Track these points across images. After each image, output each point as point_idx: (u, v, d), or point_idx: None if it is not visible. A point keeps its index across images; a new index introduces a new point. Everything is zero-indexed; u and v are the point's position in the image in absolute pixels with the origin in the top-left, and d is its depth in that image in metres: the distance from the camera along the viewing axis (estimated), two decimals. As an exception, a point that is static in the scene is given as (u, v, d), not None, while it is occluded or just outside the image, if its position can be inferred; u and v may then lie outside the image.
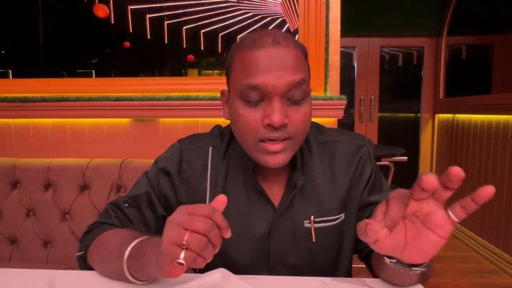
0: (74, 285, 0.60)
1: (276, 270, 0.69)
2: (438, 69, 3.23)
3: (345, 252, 0.73)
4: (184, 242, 0.44)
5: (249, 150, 0.64)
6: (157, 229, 0.72)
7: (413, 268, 0.51)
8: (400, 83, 3.50)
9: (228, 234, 0.48)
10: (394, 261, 0.51)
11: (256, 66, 0.59)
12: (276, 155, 0.61)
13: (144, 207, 0.72)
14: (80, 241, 0.72)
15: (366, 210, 0.72)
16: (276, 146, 0.60)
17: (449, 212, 0.44)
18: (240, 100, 0.61)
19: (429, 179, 0.41)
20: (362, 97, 3.31)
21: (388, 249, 0.48)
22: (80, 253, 0.69)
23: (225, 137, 0.74)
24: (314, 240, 0.69)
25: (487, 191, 0.42)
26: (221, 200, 0.49)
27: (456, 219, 0.44)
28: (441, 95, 3.19)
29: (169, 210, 0.72)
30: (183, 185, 0.72)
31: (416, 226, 0.47)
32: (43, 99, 1.45)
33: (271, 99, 0.59)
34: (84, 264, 0.68)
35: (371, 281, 0.64)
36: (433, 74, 3.31)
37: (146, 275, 0.56)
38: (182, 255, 0.44)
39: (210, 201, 0.69)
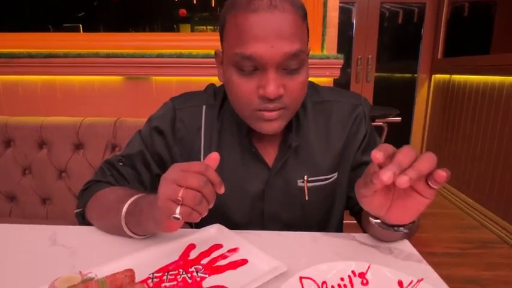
0: (75, 240, 0.62)
1: (269, 227, 0.72)
2: (439, 27, 3.13)
3: (336, 209, 0.76)
4: (179, 198, 0.46)
5: (244, 118, 0.64)
6: (153, 187, 0.74)
7: (396, 228, 0.54)
8: (398, 41, 3.41)
9: (221, 190, 0.49)
10: (379, 221, 0.54)
11: (250, 33, 0.54)
12: (272, 123, 0.61)
13: (139, 166, 0.72)
14: (77, 198, 0.74)
15: (359, 169, 0.74)
16: (272, 114, 0.60)
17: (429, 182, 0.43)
18: (233, 67, 0.59)
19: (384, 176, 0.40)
20: (359, 56, 3.24)
21: (374, 207, 0.50)
22: (78, 210, 0.71)
23: (219, 96, 0.73)
24: (307, 199, 0.71)
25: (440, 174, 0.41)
26: (214, 157, 0.50)
27: (435, 187, 0.44)
28: (439, 55, 3.14)
29: (164, 169, 0.72)
30: (177, 144, 0.72)
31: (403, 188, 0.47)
32: (30, 55, 1.40)
33: (265, 70, 0.56)
34: (83, 220, 0.70)
35: (360, 236, 0.67)
36: (432, 33, 3.22)
37: (144, 230, 0.59)
38: (178, 210, 0.46)
39: (203, 160, 0.70)
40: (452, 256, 1.99)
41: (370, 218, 0.54)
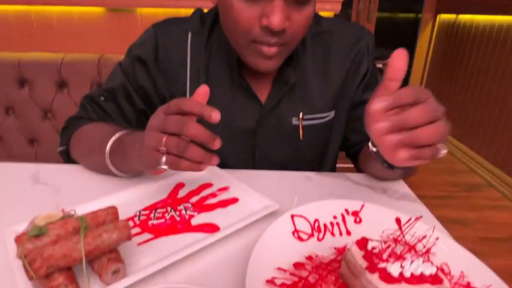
0: (58, 178, 0.60)
1: (261, 167, 0.69)
2: (450, -40, 2.88)
3: (331, 149, 0.73)
4: (163, 147, 0.41)
5: (239, 49, 0.57)
6: (139, 123, 0.69)
7: (397, 168, 0.51)
8: (405, -24, 3.15)
9: (211, 118, 0.40)
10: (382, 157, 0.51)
11: None
12: (269, 60, 0.55)
13: (122, 101, 0.67)
14: (60, 136, 0.70)
15: (358, 108, 0.70)
16: (271, 50, 0.53)
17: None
18: None
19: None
20: (362, -7, 3.01)
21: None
22: (61, 148, 0.67)
23: (207, 22, 0.65)
24: (301, 138, 0.68)
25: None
26: (203, 90, 0.44)
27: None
28: (447, -7, 2.93)
29: (149, 103, 0.68)
30: (161, 75, 0.66)
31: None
32: (-2, -19, 1.25)
33: None
34: (68, 158, 0.67)
35: (354, 176, 0.65)
36: (442, -33, 2.96)
37: (130, 169, 0.56)
38: (163, 159, 0.42)
39: (190, 93, 0.65)
40: (440, 198, 2.06)
41: (370, 144, 0.49)
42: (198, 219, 0.48)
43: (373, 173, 0.63)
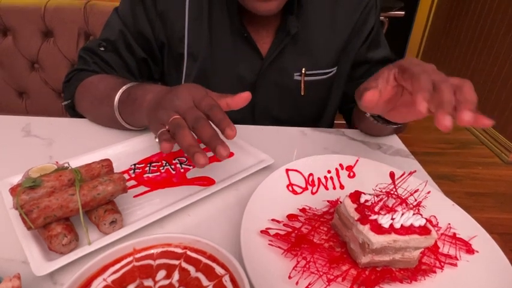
0: (50, 131, 0.59)
1: (259, 122, 0.68)
2: None
3: (331, 106, 0.73)
4: (167, 125, 0.38)
5: None
6: (141, 73, 0.67)
7: (391, 125, 0.51)
8: None
9: (224, 133, 0.37)
10: (376, 116, 0.50)
11: None
12: (269, 2, 0.52)
13: (122, 50, 0.64)
14: (62, 90, 0.68)
15: (360, 67, 0.68)
16: None
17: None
18: None
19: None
20: None
21: (376, 111, 0.45)
22: (66, 102, 0.65)
23: None
24: (303, 94, 0.66)
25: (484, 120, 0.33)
26: (245, 96, 0.41)
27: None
28: None
29: (149, 50, 0.66)
30: (159, 19, 0.62)
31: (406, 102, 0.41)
32: None
33: None
34: (73, 112, 0.64)
35: (350, 132, 0.65)
36: None
37: (138, 122, 0.54)
38: (159, 132, 0.39)
39: (188, 39, 0.62)
40: (431, 155, 2.10)
41: (368, 114, 0.50)
42: (194, 172, 0.49)
43: (367, 131, 0.63)
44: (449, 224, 0.41)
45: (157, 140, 0.38)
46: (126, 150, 0.53)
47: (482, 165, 2.02)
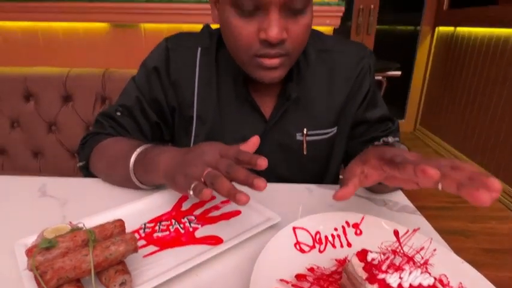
0: (65, 191, 0.61)
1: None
2: (446, -26, 2.94)
3: (333, 163, 0.75)
4: (202, 178, 0.42)
5: (242, 64, 0.59)
6: (153, 135, 0.72)
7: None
8: (403, -9, 3.22)
9: (257, 165, 0.41)
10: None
11: None
12: (272, 71, 0.57)
13: (137, 115, 0.69)
14: (77, 152, 0.72)
15: (359, 127, 0.72)
16: (273, 61, 0.55)
17: (440, 185, 0.38)
18: (232, 8, 0.52)
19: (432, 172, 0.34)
20: (361, 7, 3.07)
21: (368, 185, 0.48)
22: (81, 163, 0.68)
23: (215, 39, 0.68)
24: (305, 153, 0.69)
25: (489, 190, 0.33)
26: (254, 142, 0.47)
27: (441, 189, 0.40)
28: (445, 6, 2.98)
29: (162, 115, 0.71)
30: (172, 86, 0.68)
31: (401, 177, 0.43)
32: (7, -1, 1.29)
33: (268, 10, 0.50)
34: (87, 173, 0.68)
35: (355, 188, 0.66)
36: (439, -18, 3.03)
37: (152, 181, 0.57)
38: (193, 185, 0.42)
39: (197, 104, 0.67)
40: (442, 210, 2.05)
41: None
42: (202, 231, 0.50)
43: (369, 188, 0.65)
44: (460, 283, 0.40)
45: (191, 192, 0.41)
46: (136, 209, 0.54)
47: (496, 219, 1.96)
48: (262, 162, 0.40)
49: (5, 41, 1.40)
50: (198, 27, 0.73)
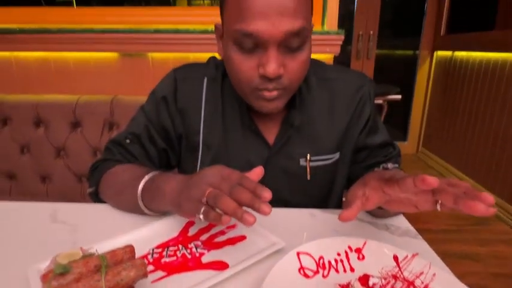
0: (75, 217, 0.63)
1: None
2: (442, 2, 3.04)
3: (337, 188, 0.77)
4: (205, 198, 0.44)
5: (244, 95, 0.63)
6: (160, 161, 0.75)
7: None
8: (401, 17, 3.32)
9: (262, 196, 0.42)
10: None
11: (251, 10, 0.52)
12: (271, 102, 0.60)
13: (145, 141, 0.72)
14: (87, 178, 0.74)
15: (361, 152, 0.74)
16: (272, 94, 0.58)
17: (439, 204, 0.41)
18: (234, 45, 0.56)
19: (431, 180, 0.36)
20: (360, 32, 3.16)
21: (370, 209, 0.49)
22: (91, 189, 0.71)
23: (220, 70, 0.72)
24: (309, 178, 0.71)
25: (484, 203, 0.36)
26: (258, 172, 0.49)
27: (439, 210, 0.42)
28: (442, 32, 3.07)
29: (169, 142, 0.74)
30: (179, 114, 0.71)
31: (401, 199, 0.46)
32: (22, 31, 1.36)
33: (266, 48, 0.54)
34: (97, 199, 0.70)
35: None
36: (436, 9, 3.13)
37: (159, 208, 0.59)
38: (202, 209, 0.45)
39: (203, 132, 0.70)
40: (448, 233, 2.03)
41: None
42: (208, 256, 0.51)
43: (370, 213, 0.66)
44: (463, 308, 0.41)
45: (201, 217, 0.43)
46: (144, 234, 0.56)
47: (505, 243, 1.93)
48: (267, 195, 0.41)
49: (19, 70, 1.46)
50: (203, 56, 0.77)
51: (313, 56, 0.76)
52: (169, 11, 1.54)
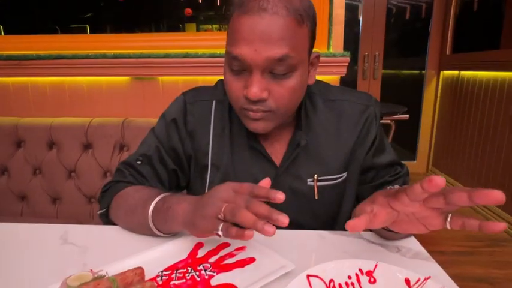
0: (85, 238, 0.64)
1: (278, 227, 0.72)
2: (447, 22, 3.09)
3: (345, 208, 0.76)
4: (222, 214, 0.46)
5: (237, 113, 0.66)
6: (170, 182, 0.76)
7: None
8: (406, 38, 3.37)
9: (276, 199, 0.45)
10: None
11: (238, 35, 0.56)
12: (256, 122, 0.62)
13: (156, 163, 0.74)
14: (98, 200, 0.76)
15: (369, 172, 0.74)
16: (257, 114, 0.61)
17: (448, 221, 0.42)
18: (227, 66, 0.61)
19: (438, 180, 0.36)
20: (366, 53, 3.21)
21: (377, 227, 0.49)
22: (101, 211, 0.72)
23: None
24: (316, 198, 0.71)
25: (497, 226, 0.37)
26: (265, 183, 0.51)
27: (450, 228, 0.43)
28: (448, 51, 3.09)
29: (179, 163, 0.75)
30: (188, 136, 0.73)
31: (409, 217, 0.46)
32: (39, 57, 1.42)
33: (251, 71, 0.57)
34: (107, 220, 0.71)
35: (367, 235, 0.67)
36: (441, 29, 3.17)
37: (169, 228, 0.59)
38: (221, 226, 0.46)
39: (212, 153, 0.72)
40: (462, 254, 1.97)
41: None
42: (217, 279, 0.50)
43: (378, 234, 0.65)
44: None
45: (220, 233, 0.44)
46: (153, 257, 0.56)
47: (522, 265, 1.86)
48: (281, 196, 0.43)
49: (34, 94, 1.52)
50: (211, 78, 0.80)
51: (320, 77, 0.77)
52: (179, 37, 1.60)
